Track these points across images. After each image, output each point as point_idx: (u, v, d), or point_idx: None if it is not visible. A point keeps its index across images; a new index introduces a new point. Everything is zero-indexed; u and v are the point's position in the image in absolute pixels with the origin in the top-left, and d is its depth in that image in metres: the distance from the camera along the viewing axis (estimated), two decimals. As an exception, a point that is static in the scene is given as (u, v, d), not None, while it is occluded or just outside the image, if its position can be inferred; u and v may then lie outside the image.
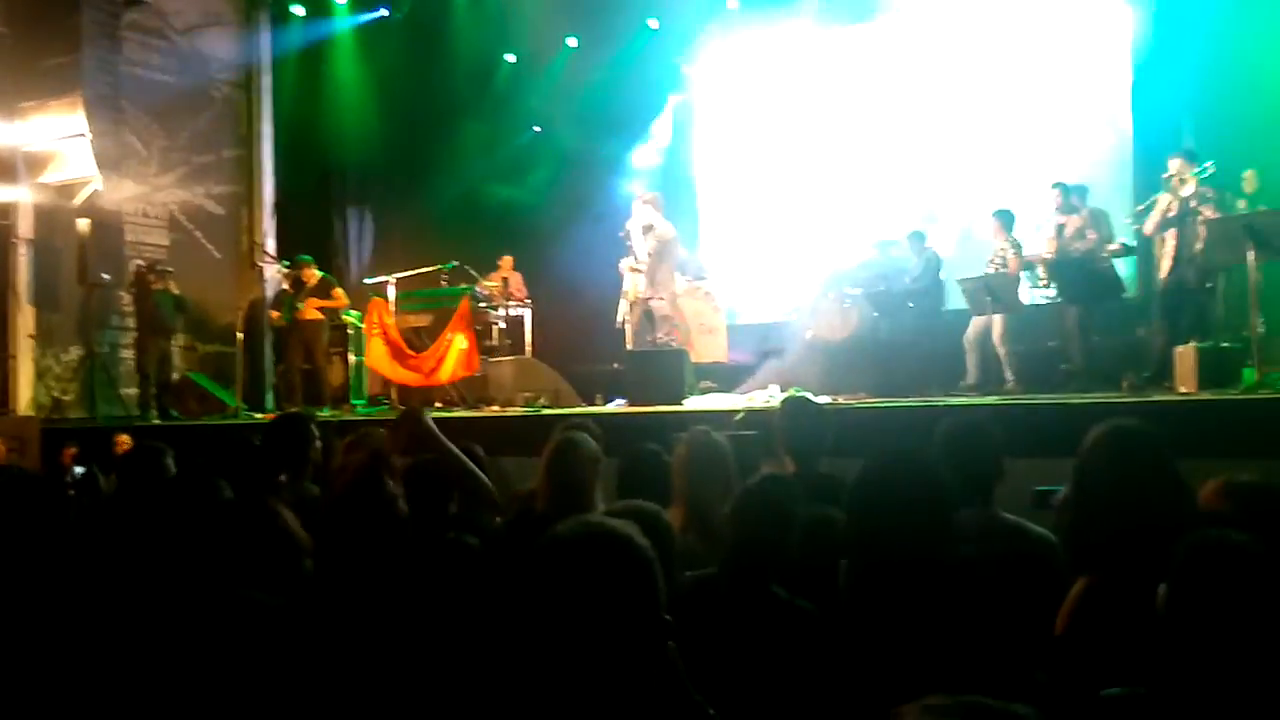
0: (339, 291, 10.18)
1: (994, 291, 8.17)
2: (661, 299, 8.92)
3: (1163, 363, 7.34)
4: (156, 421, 9.56)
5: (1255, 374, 6.35)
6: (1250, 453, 4.36)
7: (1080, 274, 8.01)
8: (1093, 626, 2.13)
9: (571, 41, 12.37)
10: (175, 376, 10.73)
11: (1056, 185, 8.49)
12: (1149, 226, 7.76)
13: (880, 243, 9.71)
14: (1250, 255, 6.42)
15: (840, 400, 7.06)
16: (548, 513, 2.93)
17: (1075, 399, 6.69)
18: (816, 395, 7.20)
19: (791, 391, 7.59)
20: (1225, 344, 7.11)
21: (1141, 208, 7.90)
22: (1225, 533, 1.71)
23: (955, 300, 8.80)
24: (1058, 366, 8.22)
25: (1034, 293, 8.81)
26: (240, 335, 10.27)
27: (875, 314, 9.22)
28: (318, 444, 3.91)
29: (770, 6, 11.30)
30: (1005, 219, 8.61)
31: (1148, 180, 8.51)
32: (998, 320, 8.17)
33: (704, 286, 10.24)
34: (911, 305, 9.00)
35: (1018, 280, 8.35)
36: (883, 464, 2.09)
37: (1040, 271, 8.56)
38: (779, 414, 3.76)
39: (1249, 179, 7.74)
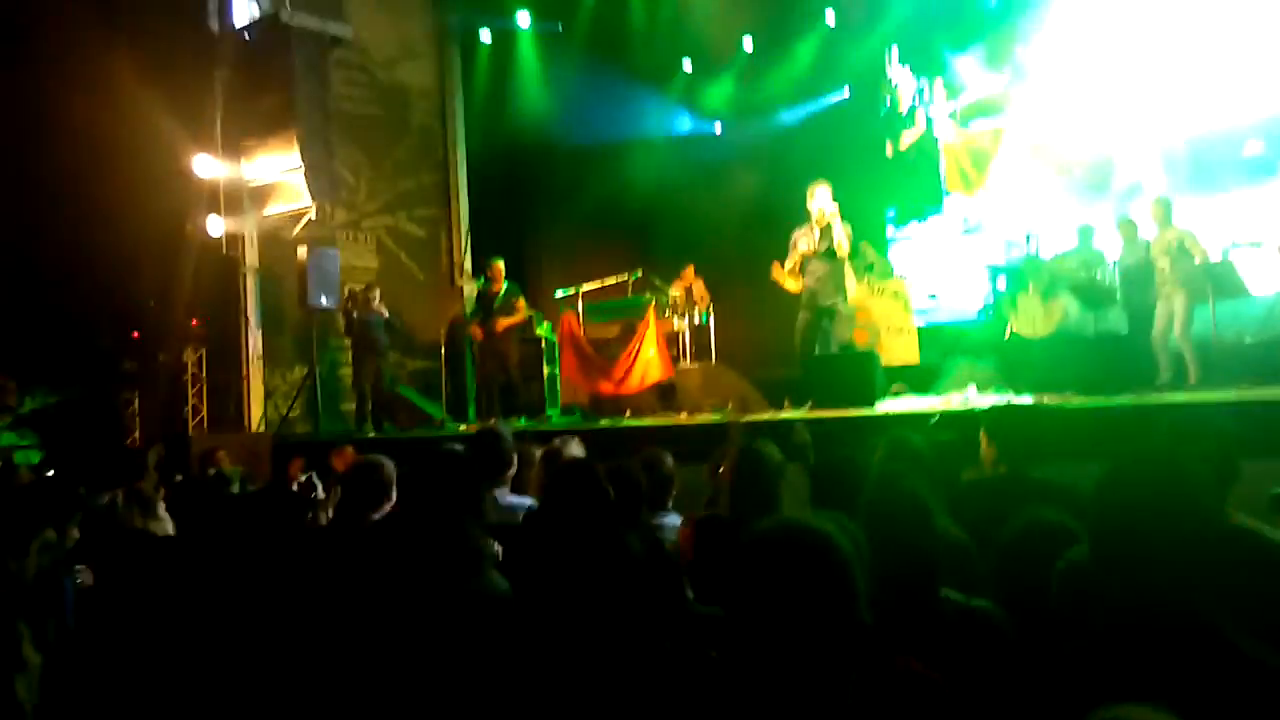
0: (521, 303, 10.42)
1: (1215, 279, 7.56)
2: (841, 302, 8.47)
3: None
4: (372, 434, 10.13)
5: None
6: None
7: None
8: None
9: (748, 42, 12.38)
10: (388, 391, 11.36)
11: None
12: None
13: (1081, 228, 9.17)
14: None
15: (1047, 400, 6.70)
16: (733, 519, 2.95)
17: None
18: (1018, 395, 6.91)
19: (995, 389, 7.29)
20: None
21: None
22: None
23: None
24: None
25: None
26: (443, 350, 10.78)
27: (1081, 307, 8.70)
28: (513, 454, 4.09)
29: None
30: (1166, 206, 7.99)
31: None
32: (1180, 311, 7.57)
33: (892, 285, 9.98)
34: (1119, 297, 8.45)
35: (1233, 267, 7.71)
36: (1133, 468, 1.82)
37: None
38: (988, 420, 3.61)
39: None
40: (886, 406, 7.50)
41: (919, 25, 11.14)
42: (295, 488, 7.83)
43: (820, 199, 8.06)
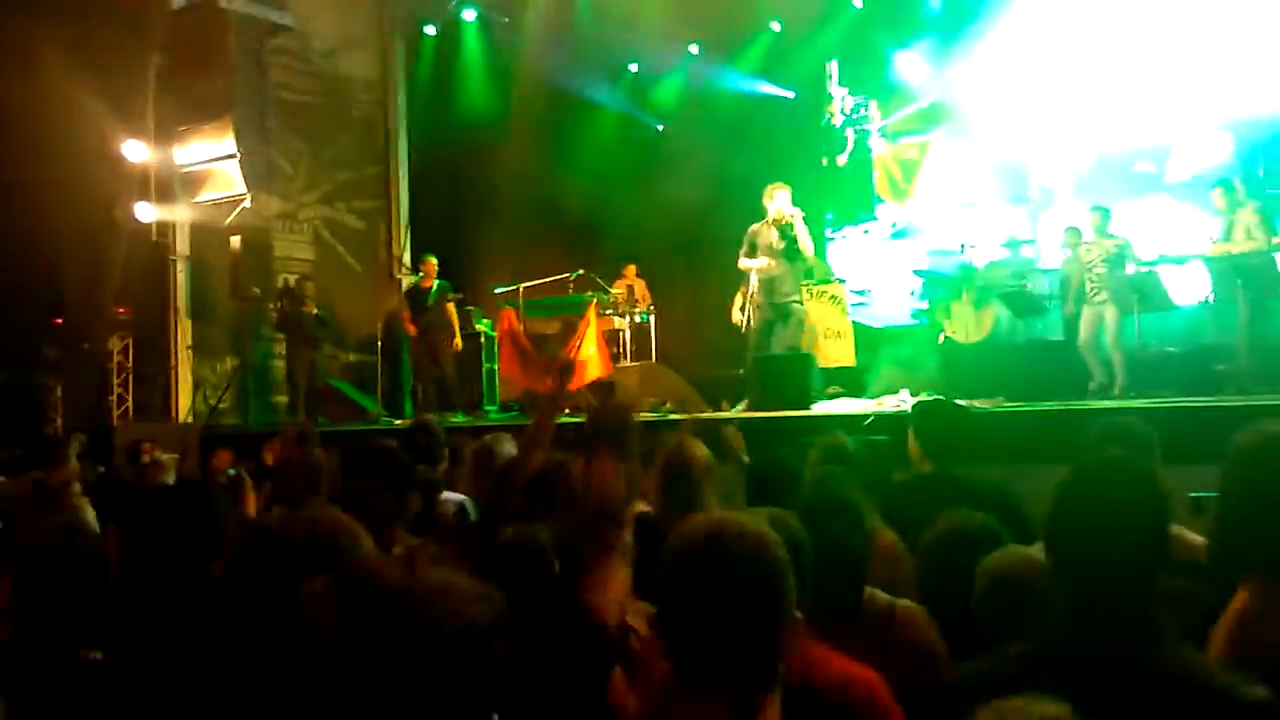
0: (450, 308, 10.39)
1: (1141, 291, 7.77)
2: (798, 301, 8.56)
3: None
4: (303, 427, 9.97)
5: None
6: None
7: (1253, 272, 7.54)
8: (1246, 639, 2.01)
9: (694, 49, 12.44)
10: (320, 384, 11.21)
11: (1220, 183, 8.04)
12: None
13: (1010, 240, 9.39)
14: None
15: (977, 404, 6.83)
16: (659, 517, 2.96)
17: (1234, 402, 6.30)
18: (951, 400, 6.99)
19: (928, 393, 7.40)
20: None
21: None
22: None
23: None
24: (1211, 367, 7.76)
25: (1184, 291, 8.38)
26: (380, 344, 10.66)
27: (1011, 315, 8.90)
28: (445, 449, 4.04)
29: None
30: (1105, 215, 8.21)
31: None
32: (1110, 321, 7.79)
33: (831, 289, 10.09)
34: (1048, 305, 8.65)
35: (1159, 280, 7.96)
36: (1095, 470, 1.83)
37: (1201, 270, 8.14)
38: (914, 416, 3.68)
39: None
40: (822, 408, 7.58)
41: (862, 32, 11.34)
42: (224, 480, 7.67)
43: (780, 200, 8.13)
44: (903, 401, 7.56)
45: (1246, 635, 2.03)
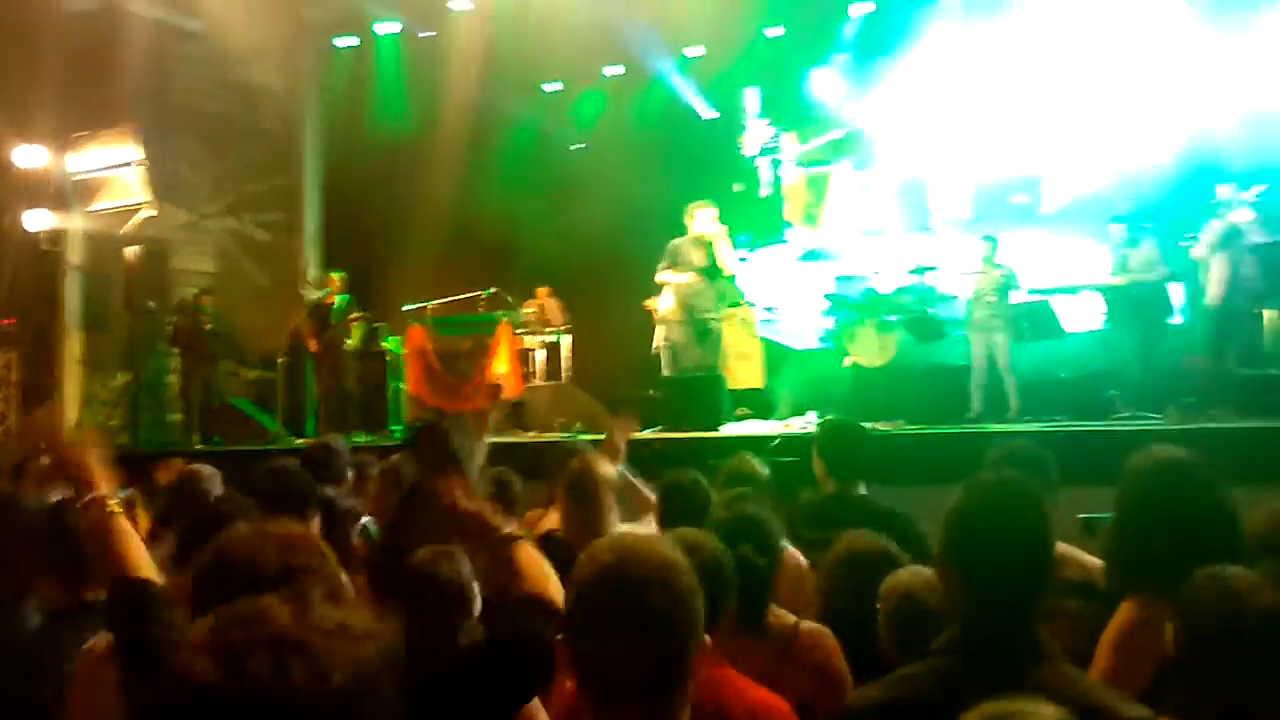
0: (353, 327, 10.25)
1: (1033, 318, 8.07)
2: (716, 319, 8.60)
3: (1210, 389, 7.20)
4: (200, 447, 9.68)
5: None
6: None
7: (1147, 301, 7.90)
8: (1130, 653, 2.09)
9: (611, 70, 12.52)
10: (218, 402, 10.87)
11: (1118, 220, 8.42)
12: (1199, 250, 7.66)
13: (916, 267, 9.66)
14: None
15: (879, 426, 6.99)
16: (566, 537, 2.96)
17: (1125, 426, 6.58)
18: (854, 422, 7.14)
19: (830, 417, 7.53)
20: (1274, 370, 6.98)
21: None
22: (1226, 571, 1.68)
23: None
24: (1103, 393, 8.09)
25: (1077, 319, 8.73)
26: (281, 361, 10.40)
27: (913, 340, 9.14)
28: (349, 470, 3.95)
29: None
30: (992, 245, 8.61)
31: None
32: (1001, 347, 8.11)
33: (740, 312, 10.21)
34: (949, 332, 8.92)
35: (1050, 308, 8.30)
36: (983, 492, 1.86)
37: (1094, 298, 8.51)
38: (818, 436, 3.75)
39: None
40: (731, 429, 7.66)
41: (779, 58, 11.60)
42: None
43: (703, 219, 8.21)
44: (809, 423, 7.69)
45: (1129, 649, 2.12)
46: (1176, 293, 8.44)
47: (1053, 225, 10.17)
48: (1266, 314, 7.38)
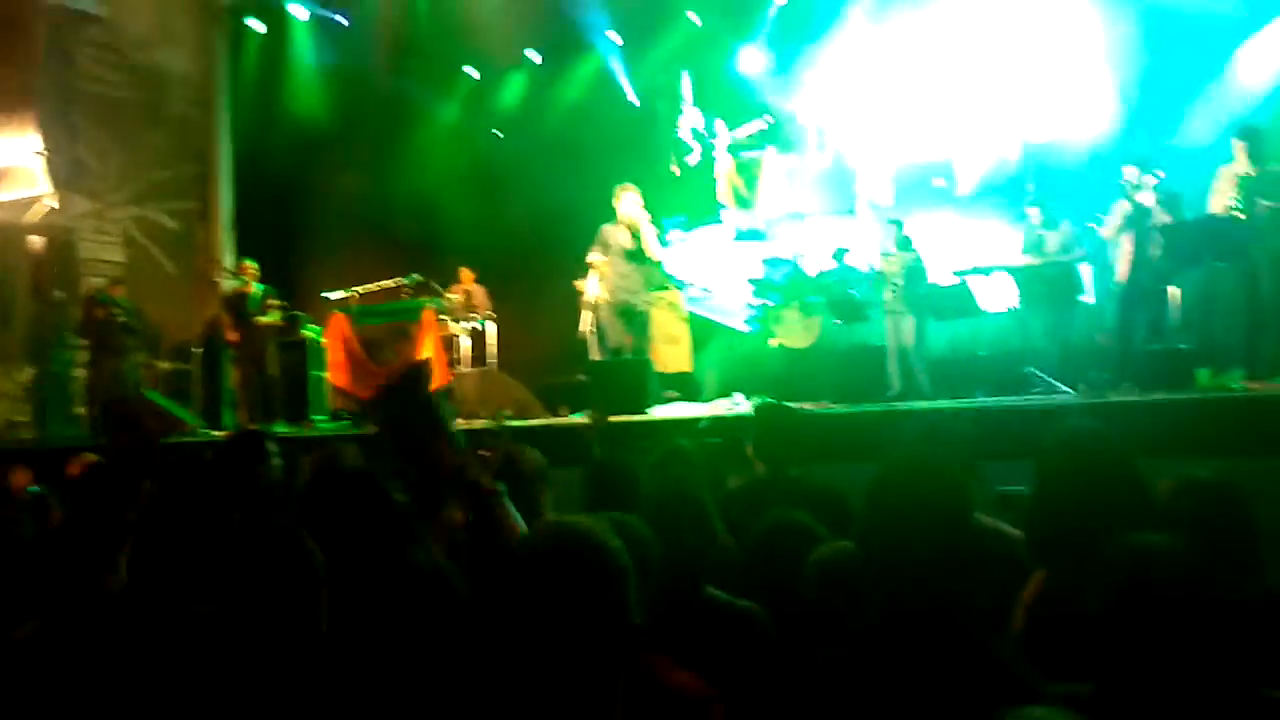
0: (274, 313, 10.04)
1: (950, 299, 8.26)
2: (644, 302, 8.59)
3: (1120, 365, 7.46)
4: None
5: (1209, 375, 6.50)
6: (1204, 450, 4.49)
7: (1058, 281, 8.15)
8: (1046, 622, 2.16)
9: (533, 56, 12.40)
10: (129, 395, 10.53)
11: (1035, 203, 8.71)
12: (1107, 230, 7.93)
13: (838, 250, 9.81)
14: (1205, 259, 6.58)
15: (805, 406, 7.09)
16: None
17: (1039, 402, 6.78)
18: (782, 402, 7.24)
19: (760, 398, 7.63)
20: (1181, 345, 7.25)
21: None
22: (1145, 538, 1.75)
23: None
24: (1018, 370, 8.33)
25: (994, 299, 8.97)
26: (196, 351, 10.13)
27: (836, 321, 9.29)
28: (275, 461, 3.85)
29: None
30: (896, 227, 8.94)
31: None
32: (908, 329, 8.38)
33: (668, 295, 10.24)
34: (866, 314, 9.10)
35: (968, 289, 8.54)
36: (899, 472, 1.90)
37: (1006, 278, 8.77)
38: (753, 419, 3.78)
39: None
40: (659, 412, 7.69)
41: (704, 44, 11.65)
42: (26, 499, 7.10)
43: (628, 202, 8.19)
44: (735, 404, 7.77)
45: (1041, 613, 2.19)
46: (1086, 273, 8.74)
47: (968, 208, 10.43)
48: (1171, 290, 7.64)
